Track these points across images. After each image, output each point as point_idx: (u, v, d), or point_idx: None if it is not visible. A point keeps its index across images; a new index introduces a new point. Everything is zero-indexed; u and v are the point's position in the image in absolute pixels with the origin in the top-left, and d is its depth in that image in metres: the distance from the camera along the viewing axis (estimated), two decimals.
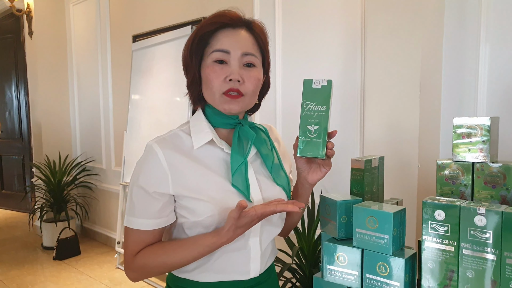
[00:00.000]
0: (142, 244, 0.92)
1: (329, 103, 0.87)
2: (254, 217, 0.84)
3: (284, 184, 0.97)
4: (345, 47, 1.93)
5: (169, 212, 0.91)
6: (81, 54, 4.16)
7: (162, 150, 0.89)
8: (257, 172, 0.97)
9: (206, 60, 0.91)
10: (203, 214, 0.88)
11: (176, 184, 0.88)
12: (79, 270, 3.39)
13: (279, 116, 2.25)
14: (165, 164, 0.88)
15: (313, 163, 0.94)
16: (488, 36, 1.59)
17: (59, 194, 3.91)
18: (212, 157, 0.93)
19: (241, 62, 0.90)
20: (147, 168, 0.90)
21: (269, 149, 0.98)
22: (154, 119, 3.08)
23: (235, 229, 0.84)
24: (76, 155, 4.33)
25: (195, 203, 0.89)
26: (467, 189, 0.98)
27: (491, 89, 1.59)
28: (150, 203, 0.89)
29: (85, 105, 4.19)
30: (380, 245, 0.83)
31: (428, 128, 1.69)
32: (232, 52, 0.90)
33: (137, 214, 0.90)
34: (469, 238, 0.73)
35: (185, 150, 0.92)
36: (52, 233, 3.79)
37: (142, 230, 0.90)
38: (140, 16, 3.41)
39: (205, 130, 0.94)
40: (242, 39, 0.91)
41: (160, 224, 0.91)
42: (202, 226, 0.90)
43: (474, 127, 0.96)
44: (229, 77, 0.89)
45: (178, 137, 0.94)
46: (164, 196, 0.89)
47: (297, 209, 0.83)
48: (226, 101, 0.90)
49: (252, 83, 0.91)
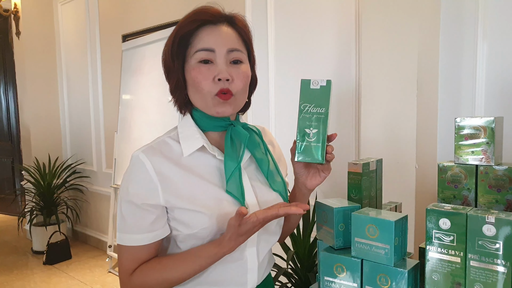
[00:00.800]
0: (138, 261, 0.85)
1: (328, 105, 0.82)
2: (256, 223, 0.78)
3: (281, 189, 0.92)
4: (339, 45, 1.88)
5: (163, 224, 0.85)
6: (71, 54, 4.08)
7: (149, 160, 0.83)
8: (251, 178, 0.91)
9: (190, 61, 0.86)
10: (197, 226, 0.83)
11: (167, 195, 0.82)
12: (70, 275, 3.32)
13: (272, 117, 2.20)
14: (153, 174, 0.82)
15: (311, 168, 0.89)
16: (485, 33, 1.55)
17: (49, 197, 3.84)
18: (203, 164, 0.88)
19: (227, 60, 0.85)
20: (134, 180, 0.84)
21: (263, 152, 0.93)
22: (145, 119, 3.03)
23: (236, 237, 0.79)
24: (66, 157, 4.25)
25: (188, 215, 0.83)
26: (471, 193, 0.94)
27: (489, 87, 1.55)
28: (141, 217, 0.83)
29: (75, 106, 4.11)
30: (380, 256, 0.78)
31: (425, 127, 1.64)
32: (217, 49, 0.84)
33: (129, 229, 0.84)
34: (477, 248, 0.68)
35: (174, 158, 0.86)
36: (42, 237, 3.72)
37: (136, 246, 0.84)
38: (130, 15, 3.34)
39: (195, 136, 0.88)
40: (225, 35, 0.85)
41: (154, 238, 0.84)
42: (196, 239, 0.84)
43: (477, 127, 0.92)
44: (217, 77, 0.83)
45: (166, 145, 0.88)
46: (156, 207, 0.83)
47: (301, 211, 0.78)
48: (219, 104, 0.84)
49: (242, 80, 0.86)
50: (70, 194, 4.11)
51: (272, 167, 0.92)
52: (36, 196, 3.85)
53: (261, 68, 2.20)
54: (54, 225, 3.73)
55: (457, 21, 1.62)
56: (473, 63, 1.58)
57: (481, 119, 0.91)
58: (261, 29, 2.15)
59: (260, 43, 2.17)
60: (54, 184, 3.91)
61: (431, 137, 1.68)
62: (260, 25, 2.16)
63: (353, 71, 1.82)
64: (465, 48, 1.60)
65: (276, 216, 0.79)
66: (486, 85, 1.56)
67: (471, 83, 1.59)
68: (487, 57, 1.55)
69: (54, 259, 3.53)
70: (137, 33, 3.25)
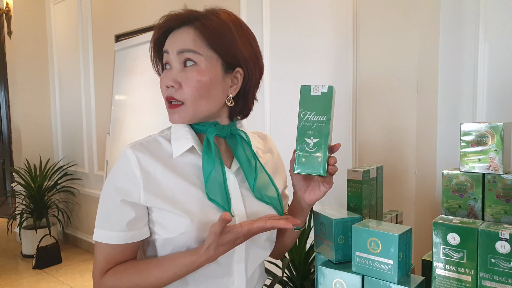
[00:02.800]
0: (112, 261, 0.81)
1: (331, 113, 0.76)
2: (239, 234, 0.72)
3: (274, 201, 0.86)
4: (336, 47, 1.83)
5: (142, 225, 0.80)
6: (63, 54, 4.01)
7: (135, 155, 0.79)
8: (242, 185, 0.85)
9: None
10: (176, 230, 0.78)
11: (148, 194, 0.78)
12: (59, 279, 3.24)
13: (267, 122, 2.14)
14: (137, 170, 0.78)
15: (311, 181, 0.83)
16: (487, 34, 1.50)
17: (39, 199, 3.75)
18: (192, 166, 0.83)
19: (179, 62, 0.80)
20: (118, 174, 0.80)
21: (252, 163, 0.86)
22: (138, 121, 2.97)
23: (216, 246, 0.73)
24: (57, 159, 4.17)
25: (168, 217, 0.78)
26: (477, 203, 0.88)
27: (491, 90, 1.50)
28: (120, 214, 0.78)
29: (67, 107, 4.04)
30: (383, 272, 0.72)
31: (425, 132, 1.59)
32: (170, 50, 0.81)
33: (105, 225, 0.80)
34: (490, 267, 0.63)
35: (163, 157, 0.82)
36: (32, 240, 3.63)
37: (112, 245, 0.79)
38: (122, 15, 3.28)
39: (186, 137, 0.83)
40: (180, 36, 0.81)
41: (131, 239, 0.80)
42: (174, 245, 0.79)
43: (484, 134, 0.87)
44: (165, 84, 0.81)
45: (156, 143, 0.84)
46: (136, 206, 0.79)
47: (290, 226, 0.72)
48: (170, 112, 0.82)
49: (190, 86, 0.78)
50: (61, 197, 4.03)
51: (262, 180, 0.86)
52: (26, 198, 3.76)
53: None
54: (44, 228, 3.65)
55: (458, 22, 1.57)
56: (474, 65, 1.53)
57: (488, 124, 0.86)
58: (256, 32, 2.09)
59: None
60: (45, 186, 3.83)
61: (431, 142, 1.63)
62: (255, 27, 2.10)
63: (350, 74, 1.77)
64: (466, 50, 1.55)
65: (263, 229, 0.73)
66: (488, 88, 1.51)
67: (472, 86, 1.54)
68: (488, 59, 1.50)
69: (44, 263, 3.45)
70: (130, 33, 3.19)
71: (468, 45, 1.55)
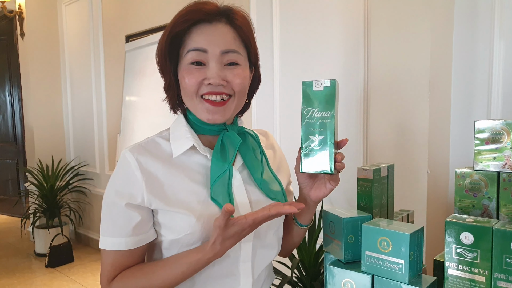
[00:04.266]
0: (120, 267, 0.80)
1: (335, 108, 0.74)
2: (245, 225, 0.71)
3: (280, 198, 0.85)
4: (347, 43, 1.81)
5: (148, 228, 0.79)
6: (74, 55, 4.05)
7: (135, 158, 0.78)
8: (246, 182, 0.84)
9: (182, 62, 0.80)
10: (182, 231, 0.77)
11: (151, 195, 0.77)
12: (72, 278, 3.27)
13: (276, 120, 2.13)
14: (138, 173, 0.77)
15: (317, 178, 0.82)
16: (502, 31, 1.46)
17: (52, 199, 3.80)
18: (194, 165, 0.82)
19: (221, 62, 0.78)
20: (119, 178, 0.79)
21: (258, 159, 0.86)
22: (148, 121, 2.98)
23: (222, 240, 0.72)
24: (69, 159, 4.21)
25: (173, 217, 0.77)
26: (491, 202, 0.86)
27: (507, 89, 1.47)
28: (125, 219, 0.77)
29: (79, 107, 4.08)
30: (394, 272, 0.71)
31: (437, 131, 1.56)
32: (210, 50, 0.77)
33: (111, 232, 0.78)
34: (505, 267, 0.61)
35: (163, 157, 0.81)
36: (44, 239, 3.68)
37: (119, 251, 0.78)
38: (133, 16, 3.30)
39: (186, 136, 0.82)
40: (220, 35, 0.78)
41: (138, 243, 0.79)
42: (181, 246, 0.78)
43: (500, 131, 0.84)
44: (208, 81, 0.77)
45: (155, 144, 0.83)
46: (141, 209, 0.78)
47: (295, 210, 0.71)
48: (209, 110, 0.78)
49: (238, 82, 0.79)
50: (73, 197, 4.07)
51: (267, 176, 0.85)
52: (39, 198, 3.81)
53: (265, 68, 2.14)
54: (56, 228, 3.69)
55: (472, 19, 1.54)
56: (489, 63, 1.50)
57: (504, 121, 0.83)
58: (266, 28, 2.09)
59: (265, 42, 2.10)
60: (57, 186, 3.87)
61: (444, 141, 1.60)
62: (265, 24, 2.09)
63: (362, 71, 1.75)
64: (480, 47, 1.52)
65: (268, 217, 0.71)
66: (503, 87, 1.47)
67: (486, 85, 1.51)
68: (504, 57, 1.46)
69: (56, 262, 3.49)
70: (140, 33, 3.20)
71: (482, 43, 1.52)
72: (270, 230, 0.85)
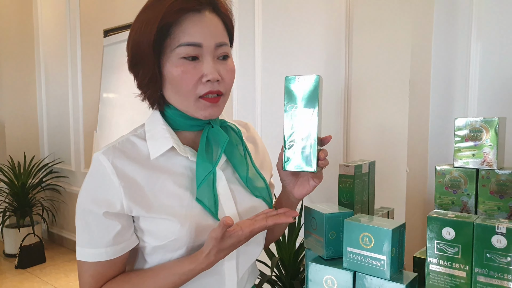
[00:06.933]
0: (103, 278, 0.74)
1: (318, 104, 0.72)
2: (241, 237, 0.69)
3: (264, 195, 0.83)
4: (329, 41, 1.81)
5: (130, 235, 0.74)
6: (50, 48, 3.93)
7: (111, 161, 0.72)
8: (230, 180, 0.81)
9: (170, 55, 0.72)
10: (166, 237, 0.72)
11: (131, 201, 0.72)
12: (43, 279, 3.16)
13: (258, 114, 2.11)
14: (115, 178, 0.71)
15: (300, 175, 0.80)
16: (479, 32, 1.50)
17: (23, 197, 3.67)
18: (175, 166, 0.77)
19: (215, 55, 0.74)
20: (94, 185, 0.73)
21: (242, 155, 0.83)
22: (126, 118, 2.91)
23: (217, 252, 0.69)
24: (43, 156, 4.08)
25: (156, 224, 0.73)
26: (470, 199, 0.87)
27: (483, 88, 1.50)
28: (104, 228, 0.72)
29: (54, 102, 3.95)
30: (375, 268, 0.70)
31: (417, 129, 1.58)
32: (205, 44, 0.72)
33: (89, 243, 0.73)
34: (485, 262, 0.61)
35: (141, 159, 0.75)
36: (14, 239, 3.55)
37: (100, 262, 0.73)
38: (112, 9, 3.22)
39: (165, 136, 0.77)
40: (213, 27, 0.73)
41: (120, 251, 0.74)
42: (166, 251, 0.74)
43: (479, 128, 0.85)
44: (206, 78, 0.72)
45: (131, 144, 0.77)
46: (120, 216, 0.72)
47: (290, 219, 0.70)
48: (206, 107, 0.74)
49: (231, 78, 0.77)
50: (46, 195, 3.94)
51: (252, 173, 0.82)
52: (9, 196, 3.67)
53: (247, 64, 2.12)
54: (28, 227, 3.56)
55: (451, 20, 1.57)
56: (467, 63, 1.53)
57: (483, 119, 0.84)
58: (248, 25, 2.07)
59: (247, 39, 2.08)
60: (29, 184, 3.74)
61: (423, 140, 1.62)
62: (247, 20, 2.07)
63: (343, 69, 1.75)
64: (459, 48, 1.55)
65: (264, 228, 0.71)
66: (480, 86, 1.50)
67: (463, 84, 1.54)
68: (480, 57, 1.50)
69: (27, 263, 3.37)
70: (119, 28, 3.13)
71: (460, 43, 1.55)
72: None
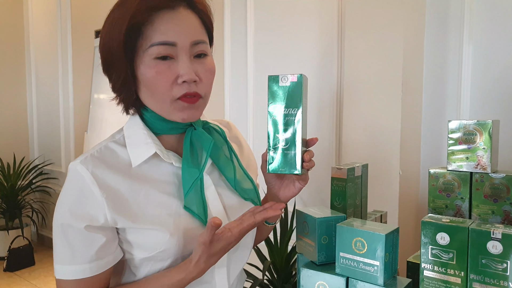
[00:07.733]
0: None
1: (302, 104, 0.69)
2: (231, 239, 0.67)
3: (253, 196, 0.81)
4: (321, 43, 1.80)
5: (114, 248, 0.70)
6: (40, 48, 3.88)
7: (90, 172, 0.68)
8: (217, 184, 0.78)
9: (143, 56, 0.68)
10: (155, 248, 0.69)
11: (116, 213, 0.68)
12: (32, 283, 3.11)
13: (250, 117, 2.10)
14: (96, 189, 0.67)
15: (285, 177, 0.78)
16: (471, 35, 1.50)
17: (12, 199, 3.61)
18: (159, 173, 0.73)
19: (191, 54, 0.70)
20: (73, 198, 0.68)
21: (227, 157, 0.80)
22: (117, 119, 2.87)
23: (207, 258, 0.66)
24: (33, 157, 4.02)
25: (144, 235, 0.69)
26: (464, 203, 0.86)
27: (475, 90, 1.50)
28: (86, 243, 0.67)
29: (44, 103, 3.90)
30: (369, 273, 0.68)
31: (409, 131, 1.58)
32: (179, 43, 0.68)
33: (70, 260, 0.68)
34: (481, 268, 0.60)
35: (122, 167, 0.71)
36: (3, 242, 3.49)
37: (83, 279, 0.68)
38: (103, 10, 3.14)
39: (146, 141, 0.73)
40: (187, 24, 0.69)
41: (105, 266, 0.70)
42: (155, 262, 0.71)
43: (472, 131, 0.84)
44: (181, 78, 0.68)
45: (111, 152, 0.73)
46: (104, 229, 0.68)
47: (279, 211, 0.68)
48: (184, 108, 0.69)
49: (210, 78, 0.72)
50: (36, 197, 3.89)
51: (240, 174, 0.79)
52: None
53: (239, 65, 2.10)
54: (17, 229, 3.51)
55: (443, 22, 1.57)
56: (459, 65, 1.53)
57: (477, 121, 0.83)
58: (240, 28, 2.06)
59: (239, 40, 2.07)
60: (19, 185, 3.68)
61: (415, 142, 1.62)
62: (239, 22, 2.06)
63: (335, 71, 1.74)
64: (451, 50, 1.55)
65: (253, 226, 0.68)
66: (472, 88, 1.50)
67: (456, 86, 1.54)
68: (472, 60, 1.50)
69: (15, 266, 3.31)
70: None
71: (452, 46, 1.55)
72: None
